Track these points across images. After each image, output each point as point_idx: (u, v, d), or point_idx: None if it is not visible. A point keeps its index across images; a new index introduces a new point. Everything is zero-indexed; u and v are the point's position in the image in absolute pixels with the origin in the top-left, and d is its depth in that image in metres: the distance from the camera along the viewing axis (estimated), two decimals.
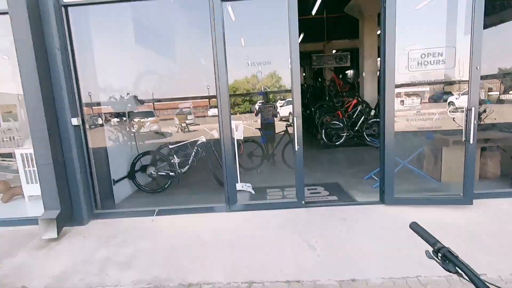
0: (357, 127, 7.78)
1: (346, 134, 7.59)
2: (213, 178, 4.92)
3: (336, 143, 7.58)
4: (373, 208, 3.65)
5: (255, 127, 5.91)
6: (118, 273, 2.65)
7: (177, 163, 4.96)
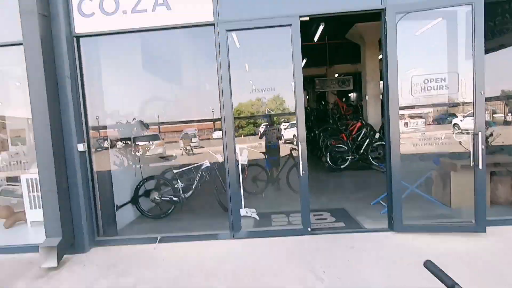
0: (362, 150, 7.72)
1: (351, 157, 7.53)
2: (217, 203, 4.85)
3: (341, 167, 7.50)
4: (381, 235, 3.53)
5: (260, 151, 5.89)
6: None
7: (181, 188, 4.91)
